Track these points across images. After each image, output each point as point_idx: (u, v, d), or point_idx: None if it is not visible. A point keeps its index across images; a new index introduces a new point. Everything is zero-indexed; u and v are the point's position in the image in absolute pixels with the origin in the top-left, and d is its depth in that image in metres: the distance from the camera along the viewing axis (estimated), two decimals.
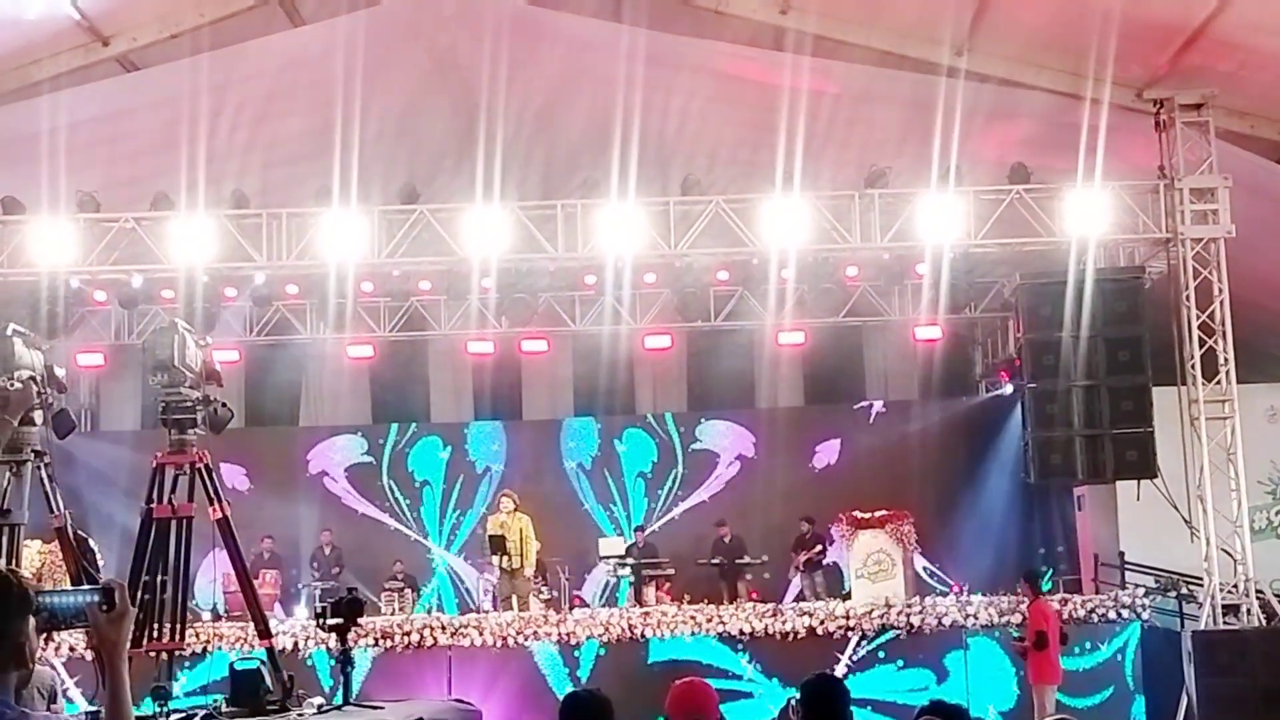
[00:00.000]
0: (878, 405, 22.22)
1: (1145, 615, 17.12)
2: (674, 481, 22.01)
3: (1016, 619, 16.43)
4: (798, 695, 6.32)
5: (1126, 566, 19.10)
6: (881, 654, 16.90)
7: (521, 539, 18.72)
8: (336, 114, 16.37)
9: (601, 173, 17.31)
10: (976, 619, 16.76)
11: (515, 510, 19.01)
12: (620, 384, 22.25)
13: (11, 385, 7.62)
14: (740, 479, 21.79)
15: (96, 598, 3.90)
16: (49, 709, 5.92)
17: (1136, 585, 18.14)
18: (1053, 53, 16.39)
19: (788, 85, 16.24)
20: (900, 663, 16.87)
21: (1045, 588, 17.38)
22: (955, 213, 17.19)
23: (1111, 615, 17.02)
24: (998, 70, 16.65)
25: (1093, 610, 17.08)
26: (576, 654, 16.81)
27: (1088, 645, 16.83)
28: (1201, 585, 16.97)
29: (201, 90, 16.44)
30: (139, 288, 18.60)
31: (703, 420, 22.33)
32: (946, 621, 16.88)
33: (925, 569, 20.51)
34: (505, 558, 18.48)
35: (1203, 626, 16.46)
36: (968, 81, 16.30)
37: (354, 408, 22.93)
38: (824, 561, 19.88)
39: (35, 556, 16.69)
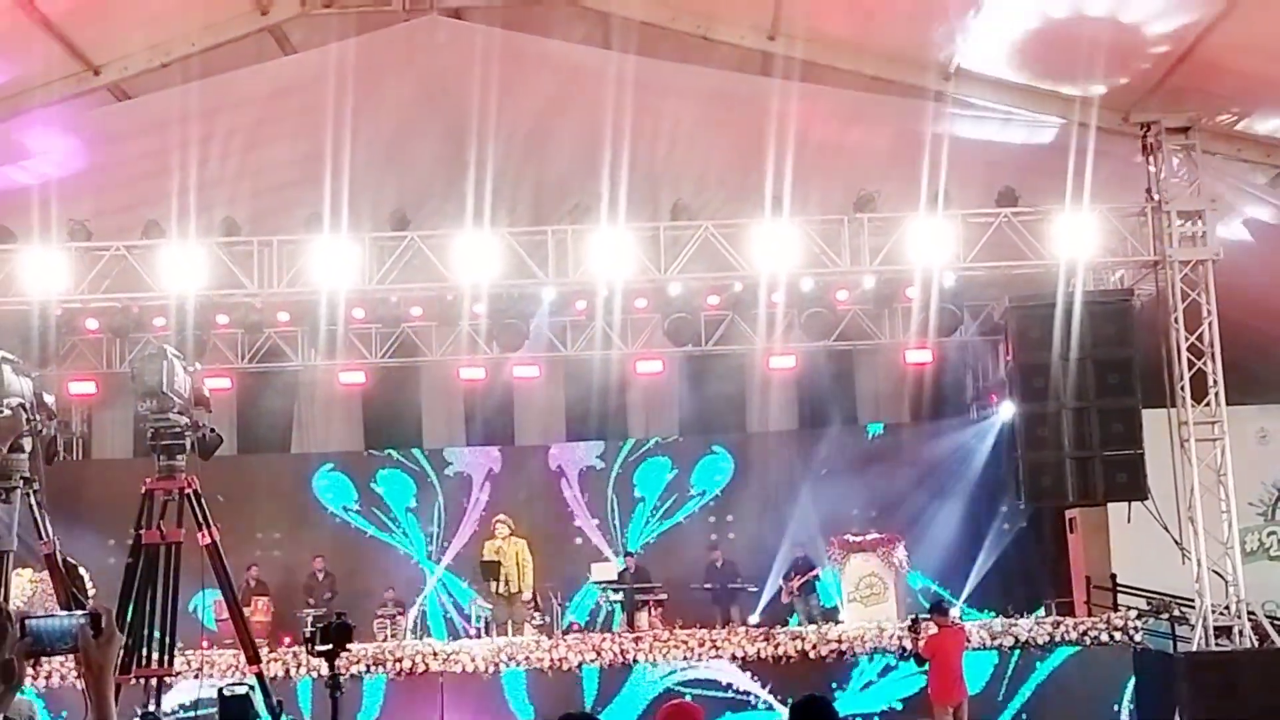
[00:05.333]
0: None
1: (1138, 638, 17.13)
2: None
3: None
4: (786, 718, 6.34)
5: (1119, 589, 19.12)
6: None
7: (518, 563, 18.71)
8: (326, 141, 16.43)
9: (591, 198, 17.38)
10: (969, 640, 16.73)
11: (511, 535, 19.01)
12: (612, 408, 22.27)
13: (0, 412, 7.62)
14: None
15: (84, 622, 3.91)
16: None
17: (1129, 607, 18.17)
18: (1039, 77, 16.48)
19: (776, 110, 16.31)
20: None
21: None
22: (944, 236, 17.25)
23: (1104, 638, 17.05)
24: (985, 94, 16.73)
25: (1085, 633, 17.09)
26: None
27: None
28: (1193, 607, 16.97)
29: (192, 118, 16.49)
30: (135, 315, 18.61)
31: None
32: None
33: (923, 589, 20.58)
34: (501, 583, 18.47)
35: (1195, 648, 16.48)
36: (955, 106, 16.40)
37: (346, 434, 22.93)
38: (816, 583, 19.82)
39: (26, 585, 16.66)
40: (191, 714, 14.76)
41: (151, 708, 8.77)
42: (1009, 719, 16.92)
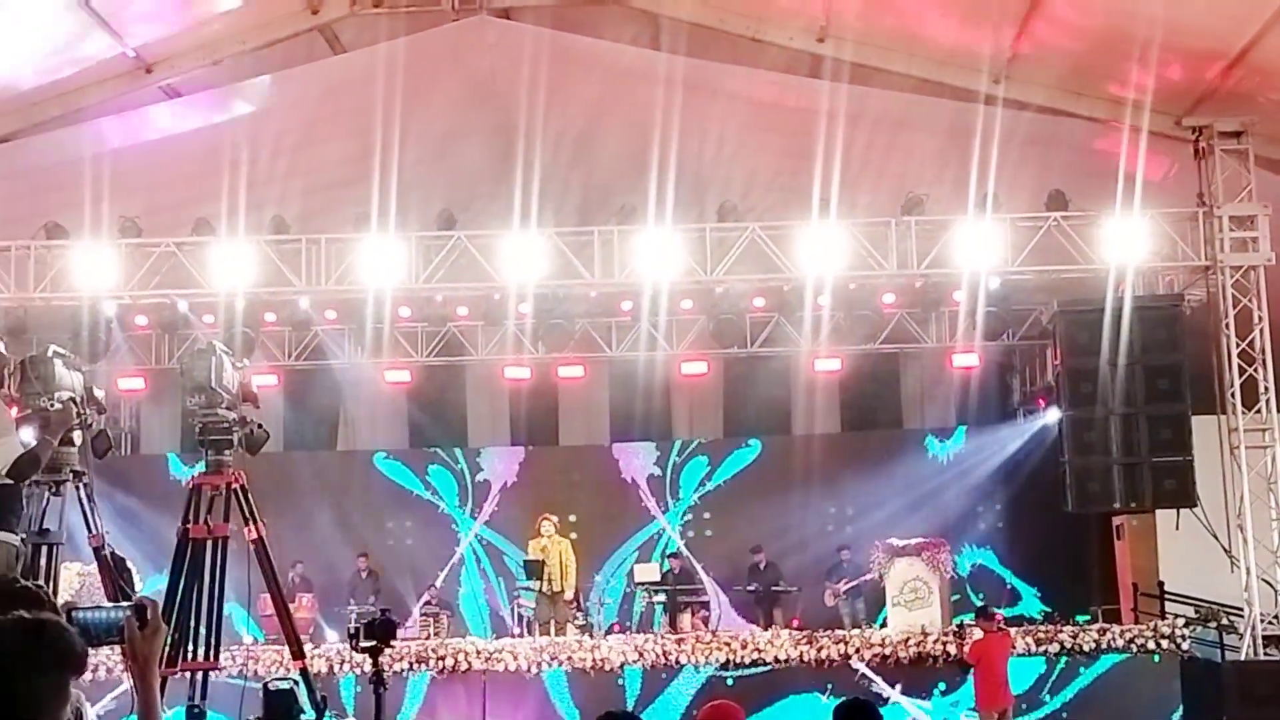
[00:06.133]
0: None
1: (1185, 646, 16.96)
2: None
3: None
4: None
5: (1166, 596, 18.93)
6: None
7: (561, 563, 18.71)
8: (376, 140, 16.52)
9: (638, 199, 17.37)
10: (1015, 646, 16.61)
11: (556, 534, 19.01)
12: (656, 410, 22.25)
13: (52, 406, 7.70)
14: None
15: (129, 614, 3.94)
16: None
17: (1176, 615, 17.98)
18: (1091, 80, 16.37)
19: (824, 112, 16.26)
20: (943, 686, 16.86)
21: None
22: (992, 240, 17.14)
23: (1150, 645, 16.86)
24: (1036, 97, 16.64)
25: (1131, 640, 16.93)
26: (620, 681, 16.86)
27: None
28: (1242, 616, 16.81)
29: (242, 117, 16.62)
30: (182, 312, 18.76)
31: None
32: None
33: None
34: (544, 582, 18.48)
35: (1243, 657, 16.31)
36: (1006, 109, 16.31)
37: (391, 432, 23.02)
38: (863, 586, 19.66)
39: (74, 579, 16.79)
40: None
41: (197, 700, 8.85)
42: (1049, 713, 16.75)
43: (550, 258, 17.46)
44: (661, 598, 19.19)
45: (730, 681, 16.57)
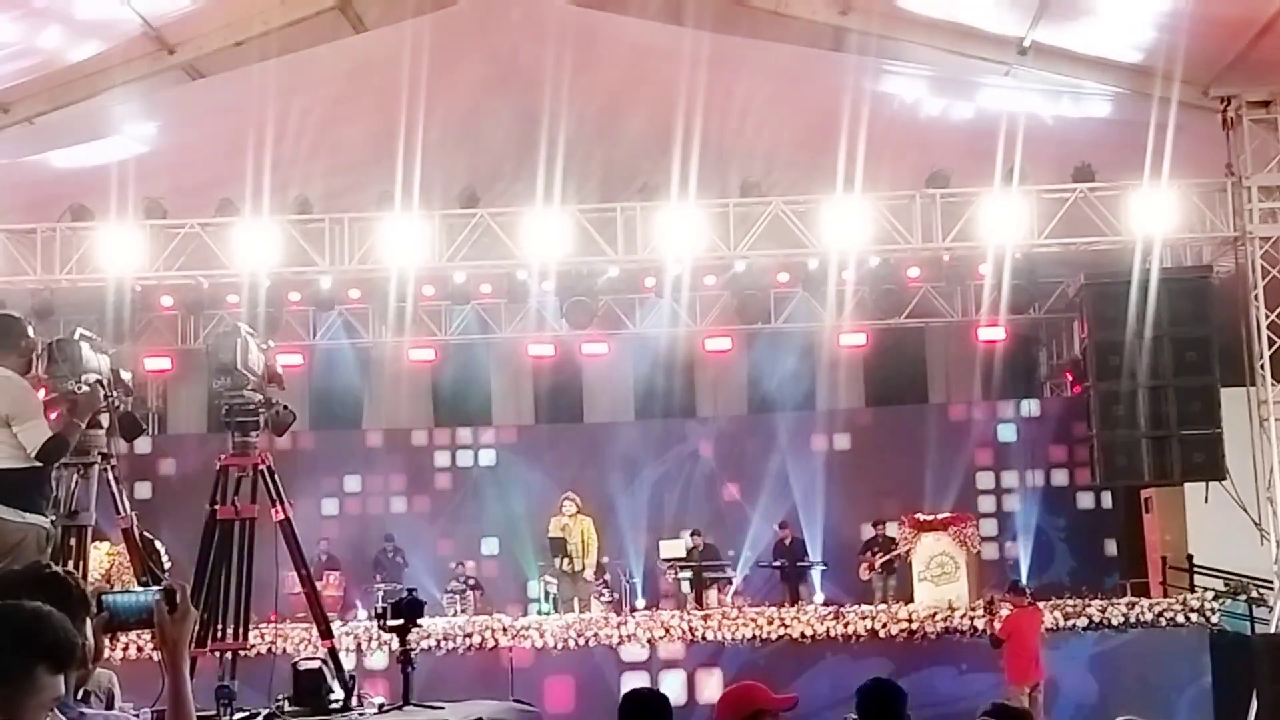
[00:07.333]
0: None
1: (1214, 619, 16.90)
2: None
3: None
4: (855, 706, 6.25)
5: (1195, 569, 18.88)
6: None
7: (583, 541, 18.74)
8: (399, 119, 16.47)
9: (661, 175, 17.32)
10: (1044, 623, 16.58)
11: (578, 513, 19.04)
12: (680, 386, 22.24)
13: (79, 388, 7.70)
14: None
15: (159, 598, 3.96)
16: (107, 711, 5.97)
17: (1205, 588, 17.94)
18: (1118, 50, 16.21)
19: (849, 86, 16.16)
20: (963, 666, 16.77)
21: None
22: (1018, 213, 17.04)
23: (1180, 619, 16.83)
24: (1062, 69, 16.50)
25: (1160, 614, 16.88)
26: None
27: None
28: (1272, 588, 16.74)
29: (266, 97, 16.59)
30: (206, 292, 18.81)
31: None
32: None
33: None
34: (567, 560, 18.51)
35: (1273, 629, 16.24)
36: (1032, 80, 16.16)
37: (416, 410, 23.07)
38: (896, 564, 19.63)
39: (104, 559, 16.88)
40: None
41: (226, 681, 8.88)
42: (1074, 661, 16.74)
43: (573, 235, 17.44)
44: (687, 574, 19.21)
45: None
